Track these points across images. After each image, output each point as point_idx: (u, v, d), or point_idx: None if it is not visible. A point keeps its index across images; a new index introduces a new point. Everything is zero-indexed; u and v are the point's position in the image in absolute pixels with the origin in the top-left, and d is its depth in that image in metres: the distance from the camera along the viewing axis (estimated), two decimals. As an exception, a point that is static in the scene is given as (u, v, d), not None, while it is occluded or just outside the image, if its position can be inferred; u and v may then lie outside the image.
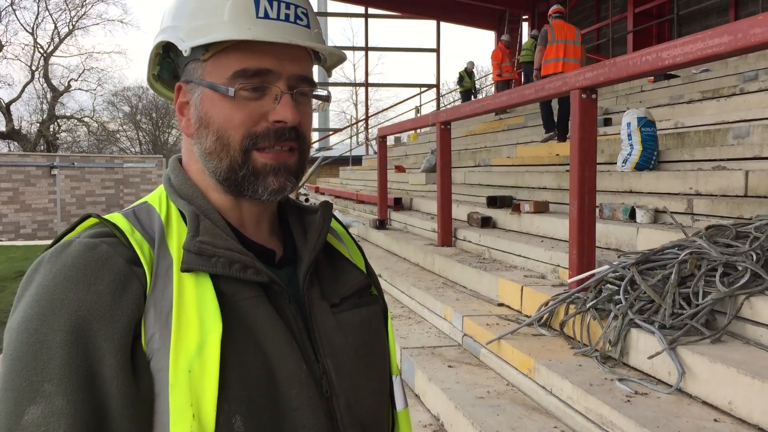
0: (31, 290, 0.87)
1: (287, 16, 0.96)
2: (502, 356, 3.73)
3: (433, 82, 23.19)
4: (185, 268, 0.90)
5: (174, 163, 1.05)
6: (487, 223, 6.59)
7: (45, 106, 35.48)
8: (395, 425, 1.13)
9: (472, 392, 3.40)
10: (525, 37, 20.86)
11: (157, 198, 1.01)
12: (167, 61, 1.04)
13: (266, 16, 0.94)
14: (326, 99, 1.05)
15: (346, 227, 1.22)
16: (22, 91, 34.64)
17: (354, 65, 36.86)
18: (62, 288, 0.86)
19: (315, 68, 1.07)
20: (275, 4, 0.95)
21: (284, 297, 0.97)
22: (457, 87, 18.93)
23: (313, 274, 1.03)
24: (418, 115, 19.81)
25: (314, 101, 1.03)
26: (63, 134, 37.36)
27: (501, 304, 4.66)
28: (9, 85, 45.23)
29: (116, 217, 0.95)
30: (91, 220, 0.95)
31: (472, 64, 18.65)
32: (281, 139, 0.96)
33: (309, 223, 1.08)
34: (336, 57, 1.07)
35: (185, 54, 0.95)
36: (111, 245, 0.90)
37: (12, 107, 34.02)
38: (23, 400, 0.82)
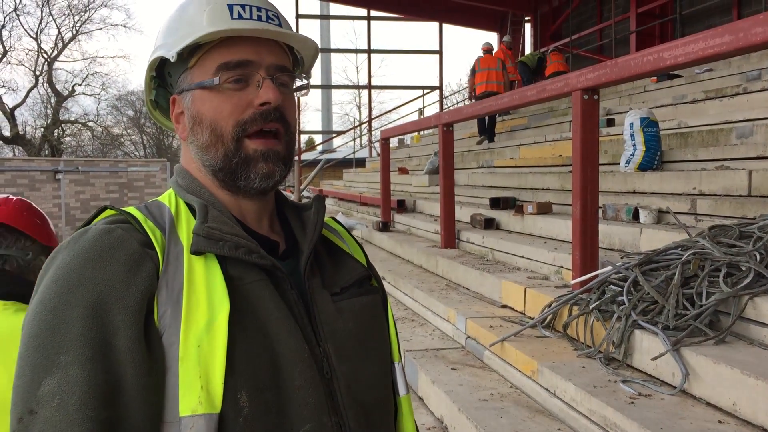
0: (50, 273, 0.93)
1: (259, 17, 1.05)
2: (505, 358, 3.72)
3: (436, 84, 23.16)
4: (194, 250, 0.96)
5: (179, 168, 1.13)
6: (490, 224, 6.58)
7: (49, 111, 35.55)
8: (398, 411, 1.18)
9: (475, 394, 3.40)
10: (528, 38, 20.87)
11: (166, 197, 1.09)
12: (162, 89, 1.13)
13: (239, 17, 1.04)
14: (306, 87, 1.13)
15: (346, 227, 1.29)
16: (27, 96, 34.73)
17: (357, 67, 36.93)
18: (79, 268, 0.91)
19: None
20: (248, 8, 1.05)
21: (286, 283, 1.02)
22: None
23: (314, 264, 1.09)
24: (421, 117, 19.79)
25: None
26: (67, 139, 37.42)
27: (504, 306, 4.65)
28: (13, 90, 45.46)
29: (130, 209, 1.03)
30: (108, 212, 1.02)
31: None
32: (267, 119, 1.03)
33: (306, 218, 1.15)
34: (310, 51, 1.14)
35: (172, 60, 1.04)
36: (126, 230, 0.97)
37: (16, 112, 34.10)
38: (40, 373, 0.86)
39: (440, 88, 23.02)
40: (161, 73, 1.11)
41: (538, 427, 2.98)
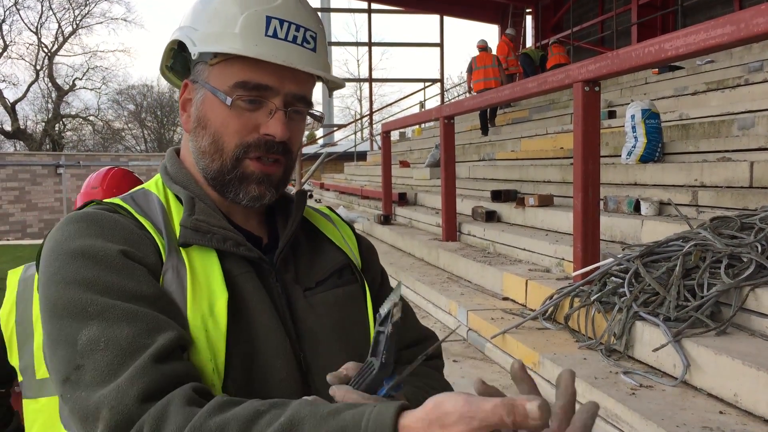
0: (46, 254, 0.93)
1: (295, 38, 1.01)
2: (506, 350, 3.73)
3: (437, 76, 23.12)
4: (182, 243, 0.97)
5: (171, 154, 1.12)
6: (491, 217, 6.58)
7: (50, 106, 35.53)
8: None
9: (477, 386, 3.40)
10: (529, 30, 20.79)
11: (153, 184, 1.08)
12: (182, 55, 1.09)
13: (275, 35, 0.99)
14: (319, 120, 1.11)
15: (346, 219, 1.26)
16: (27, 90, 34.69)
17: (358, 61, 36.85)
18: (78, 240, 0.92)
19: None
20: (285, 24, 1.00)
21: (272, 276, 1.03)
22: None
23: (290, 259, 1.09)
24: (423, 110, 19.75)
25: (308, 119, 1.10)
26: (68, 133, 37.40)
27: (506, 298, 4.65)
28: (14, 84, 45.37)
29: (115, 200, 1.03)
30: (93, 204, 1.02)
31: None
32: (270, 151, 1.02)
33: (289, 212, 1.14)
34: (335, 84, 1.12)
35: (193, 57, 1.02)
36: (119, 215, 0.98)
37: (17, 107, 34.09)
38: (73, 332, 0.86)
39: (441, 80, 22.98)
40: (182, 43, 1.07)
41: (540, 418, 2.98)
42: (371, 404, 0.73)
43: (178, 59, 1.10)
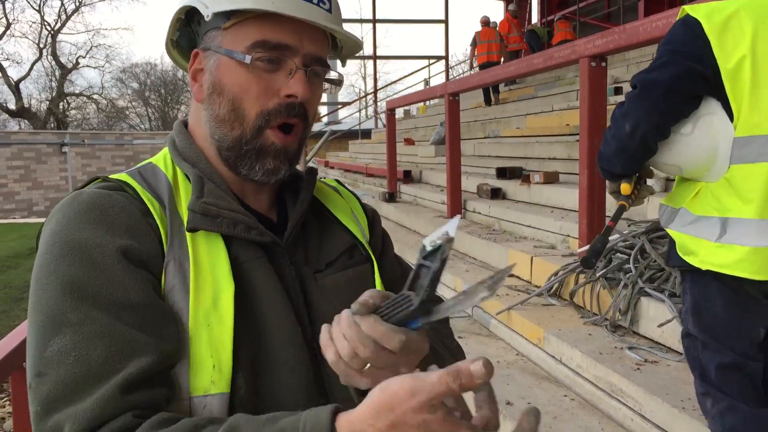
0: (45, 239, 0.89)
1: None
2: (511, 326, 3.74)
3: (442, 53, 22.93)
4: (190, 228, 0.93)
5: (179, 127, 1.07)
6: (496, 194, 6.57)
7: (54, 84, 35.45)
8: None
9: (482, 362, 3.42)
10: (535, 6, 20.61)
11: (161, 159, 1.03)
12: (187, 30, 1.05)
13: None
14: (338, 83, 1.07)
15: (356, 194, 1.24)
16: (31, 69, 34.59)
17: (362, 38, 36.52)
18: (78, 228, 0.88)
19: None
20: None
21: (285, 259, 0.99)
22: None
23: (299, 239, 1.05)
24: (427, 87, 19.63)
25: (324, 85, 1.05)
26: (72, 112, 37.37)
27: (511, 275, 4.66)
28: (17, 63, 45.44)
29: (122, 176, 0.98)
30: (100, 180, 0.98)
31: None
32: (291, 114, 0.98)
33: (299, 189, 1.09)
34: (352, 43, 1.08)
35: (207, 19, 0.96)
36: (125, 197, 0.93)
37: (21, 85, 34.01)
38: (47, 334, 0.83)
39: (446, 57, 22.81)
40: (190, 15, 1.03)
41: (545, 393, 3.00)
42: (308, 410, 0.75)
43: (183, 34, 1.05)
